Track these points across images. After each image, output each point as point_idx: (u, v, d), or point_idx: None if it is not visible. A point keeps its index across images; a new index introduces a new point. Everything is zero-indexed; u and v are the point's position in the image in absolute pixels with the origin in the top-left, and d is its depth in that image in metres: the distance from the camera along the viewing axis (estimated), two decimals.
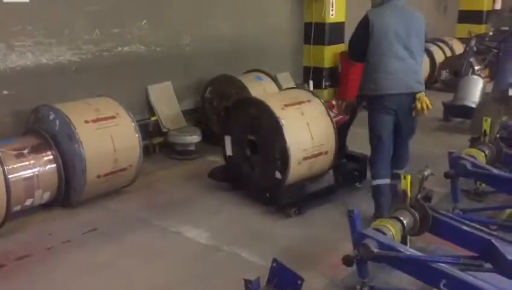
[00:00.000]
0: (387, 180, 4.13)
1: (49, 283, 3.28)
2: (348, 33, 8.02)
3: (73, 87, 5.05)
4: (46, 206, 4.33)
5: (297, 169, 4.18)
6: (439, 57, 9.79)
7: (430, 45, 10.00)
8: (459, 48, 10.14)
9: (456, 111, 7.14)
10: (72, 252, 3.68)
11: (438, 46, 10.11)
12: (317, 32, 7.91)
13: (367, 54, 4.07)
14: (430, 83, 9.81)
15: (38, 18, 4.84)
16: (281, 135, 4.08)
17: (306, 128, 4.27)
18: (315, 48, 7.99)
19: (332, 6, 7.87)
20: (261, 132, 4.32)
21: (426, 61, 9.45)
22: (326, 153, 4.39)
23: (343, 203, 4.43)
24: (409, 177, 3.22)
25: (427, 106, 4.10)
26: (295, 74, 7.91)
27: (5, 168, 3.70)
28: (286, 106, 4.30)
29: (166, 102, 6.01)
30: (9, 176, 3.74)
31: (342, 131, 4.62)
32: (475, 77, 7.21)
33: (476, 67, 8.34)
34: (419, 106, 4.07)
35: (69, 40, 5.10)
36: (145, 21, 5.77)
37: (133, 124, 4.63)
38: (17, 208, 3.98)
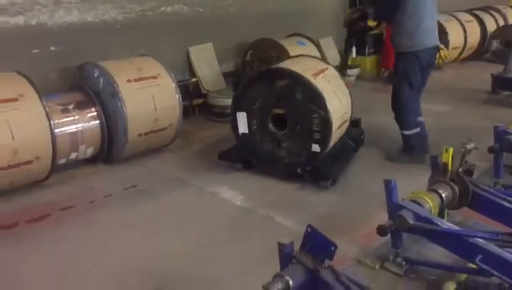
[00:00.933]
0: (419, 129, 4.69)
1: (89, 234, 3.42)
2: None
3: (116, 46, 5.13)
4: (89, 161, 4.48)
5: (333, 139, 4.13)
6: (490, 26, 9.36)
7: (481, 12, 9.58)
8: None
9: (505, 84, 6.85)
10: (112, 207, 3.82)
11: (490, 14, 9.66)
12: None
13: (402, 14, 4.35)
14: (480, 53, 9.45)
15: None
16: (322, 105, 3.93)
17: (336, 97, 4.21)
18: None
19: None
20: (293, 104, 4.05)
21: (476, 30, 9.08)
22: (346, 121, 4.48)
23: (370, 170, 4.49)
24: (451, 150, 3.15)
25: (445, 56, 4.93)
26: (338, 39, 7.75)
27: (51, 122, 3.82)
28: (314, 75, 4.15)
29: (206, 64, 6.03)
30: (55, 130, 3.88)
31: None
32: None
33: None
34: (442, 54, 4.78)
35: None
36: None
37: (174, 85, 4.68)
38: (63, 161, 4.14)
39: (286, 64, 4.31)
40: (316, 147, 4.06)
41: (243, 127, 4.30)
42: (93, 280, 2.92)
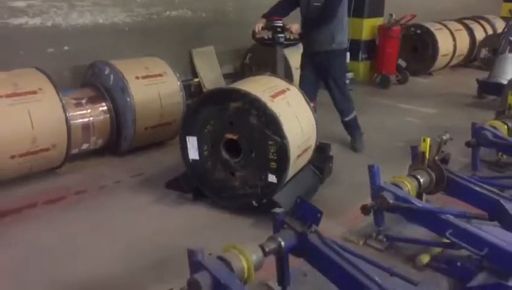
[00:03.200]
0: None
1: (100, 216, 3.76)
2: (388, 6, 8.21)
3: (125, 46, 5.50)
4: (99, 152, 4.82)
5: (292, 168, 3.66)
6: (480, 35, 9.76)
7: (470, 22, 9.99)
8: (502, 27, 10.06)
9: (489, 88, 7.23)
10: (121, 192, 4.17)
11: (479, 23, 10.07)
12: (356, 5, 8.05)
13: (342, 12, 4.81)
14: (470, 60, 9.86)
15: None
16: (278, 131, 3.47)
17: (296, 122, 3.76)
18: (354, 20, 8.12)
19: None
20: (247, 130, 3.59)
21: (465, 38, 9.48)
22: (311, 147, 3.99)
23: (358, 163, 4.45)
24: (428, 139, 3.52)
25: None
26: None
27: (67, 114, 4.18)
28: (273, 96, 3.70)
29: (208, 65, 6.41)
30: (70, 122, 4.23)
31: None
32: (511, 55, 7.26)
33: None
34: None
35: (123, 2, 5.55)
36: None
37: (178, 83, 5.04)
38: (75, 151, 4.47)
39: (242, 84, 3.92)
40: (272, 178, 3.59)
41: (193, 153, 3.86)
42: (104, 251, 3.27)
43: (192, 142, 3.83)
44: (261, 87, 3.82)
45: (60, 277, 2.98)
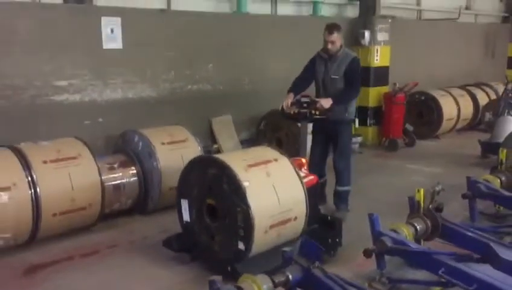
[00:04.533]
0: None
1: (128, 268, 4.19)
2: (392, 75, 8.86)
3: (151, 117, 6.13)
4: (128, 211, 5.31)
5: (263, 238, 3.70)
6: (483, 100, 10.26)
7: (473, 88, 10.56)
8: None
9: (491, 149, 7.62)
10: (149, 246, 4.61)
11: (482, 89, 10.62)
12: (363, 75, 8.68)
13: None
14: (475, 124, 10.32)
15: (128, 61, 6.02)
16: (243, 199, 3.60)
17: (272, 192, 3.81)
18: (361, 89, 8.76)
19: (377, 53, 8.70)
20: (221, 196, 3.78)
21: (469, 103, 10.01)
22: (295, 218, 3.91)
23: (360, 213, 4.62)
24: (422, 190, 3.95)
25: None
26: None
27: (102, 177, 4.73)
28: (250, 166, 3.84)
29: (226, 132, 7.01)
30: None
31: (313, 192, 4.24)
32: (509, 117, 7.74)
33: None
34: None
35: (150, 79, 6.26)
36: (211, 64, 6.88)
37: (199, 148, 5.60)
38: (107, 210, 4.98)
39: (226, 154, 4.39)
40: (241, 245, 3.69)
41: (185, 215, 4.09)
42: None
43: (184, 205, 4.07)
44: (243, 156, 4.06)
45: None
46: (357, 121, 8.82)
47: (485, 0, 12.73)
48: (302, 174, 4.14)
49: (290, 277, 2.86)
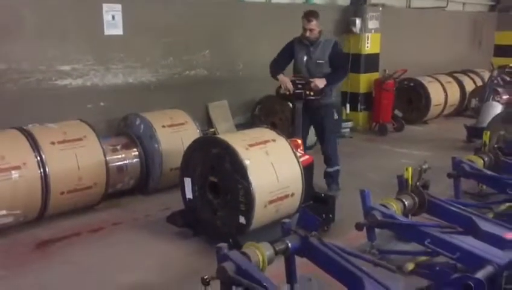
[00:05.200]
0: None
1: (134, 243, 4.45)
2: (382, 62, 9.12)
3: (151, 101, 6.33)
4: (130, 191, 5.55)
5: (262, 213, 3.96)
6: (469, 87, 10.57)
7: (460, 75, 10.87)
8: None
9: (477, 133, 7.92)
10: (151, 222, 4.86)
11: (469, 76, 10.93)
12: (354, 62, 8.97)
13: None
14: (462, 110, 10.65)
15: (128, 47, 6.21)
16: (245, 176, 3.85)
17: (271, 169, 4.05)
18: (352, 75, 9.02)
19: (367, 40, 8.95)
20: (223, 174, 4.02)
21: (456, 89, 10.32)
22: (292, 195, 4.18)
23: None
24: (410, 168, 4.23)
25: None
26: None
27: (106, 157, 4.95)
28: (250, 145, 4.07)
29: (222, 117, 7.25)
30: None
31: (308, 171, 4.51)
32: (494, 102, 8.05)
33: (504, 96, 9.14)
34: None
35: (149, 64, 6.45)
36: (207, 51, 7.08)
37: (198, 131, 5.83)
38: (111, 190, 5.21)
39: (229, 134, 4.65)
40: (242, 219, 3.94)
41: (188, 193, 4.30)
42: (140, 265, 3.98)
43: (187, 183, 4.28)
44: (243, 137, 4.29)
45: (105, 287, 3.68)
46: (348, 106, 9.14)
47: None
48: (298, 154, 4.37)
49: (290, 245, 3.11)
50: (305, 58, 5.40)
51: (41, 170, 4.48)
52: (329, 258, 3.08)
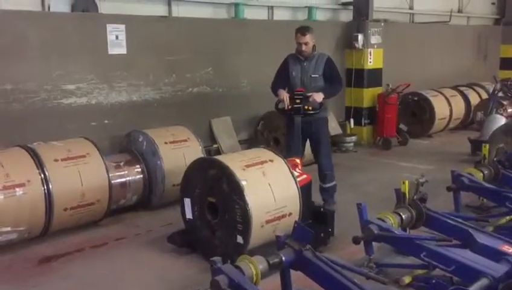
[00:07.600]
0: None
1: (136, 258, 4.51)
2: (385, 77, 9.18)
3: (154, 118, 6.44)
4: (133, 207, 5.63)
5: (260, 232, 4.01)
6: (475, 100, 10.56)
7: (465, 88, 10.88)
8: None
9: (481, 146, 7.91)
10: (153, 238, 4.92)
11: (474, 90, 10.93)
12: (357, 77, 9.05)
13: None
14: (467, 123, 10.63)
15: (132, 66, 6.35)
16: (241, 196, 3.94)
17: (268, 189, 4.13)
18: (355, 90, 9.12)
19: (370, 55, 9.03)
20: (221, 194, 4.10)
21: (461, 103, 10.32)
22: (290, 214, 4.23)
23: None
24: (407, 182, 4.26)
25: None
26: (338, 113, 9.05)
27: (109, 174, 5.04)
28: (247, 166, 4.17)
29: (225, 133, 7.34)
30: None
31: (306, 190, 4.53)
32: (497, 115, 8.06)
33: (509, 110, 9.15)
34: None
35: (153, 82, 6.58)
36: (210, 68, 7.21)
37: (200, 147, 5.91)
38: (114, 206, 5.29)
39: (224, 155, 4.77)
40: (239, 239, 4.01)
41: (188, 213, 4.39)
42: (139, 281, 4.05)
43: (187, 204, 4.37)
44: (241, 158, 4.36)
45: None
46: (352, 121, 9.20)
47: (477, 3, 13.05)
48: (296, 174, 4.43)
49: (284, 258, 3.16)
50: (300, 72, 5.47)
51: (45, 187, 4.58)
52: (322, 272, 3.12)
